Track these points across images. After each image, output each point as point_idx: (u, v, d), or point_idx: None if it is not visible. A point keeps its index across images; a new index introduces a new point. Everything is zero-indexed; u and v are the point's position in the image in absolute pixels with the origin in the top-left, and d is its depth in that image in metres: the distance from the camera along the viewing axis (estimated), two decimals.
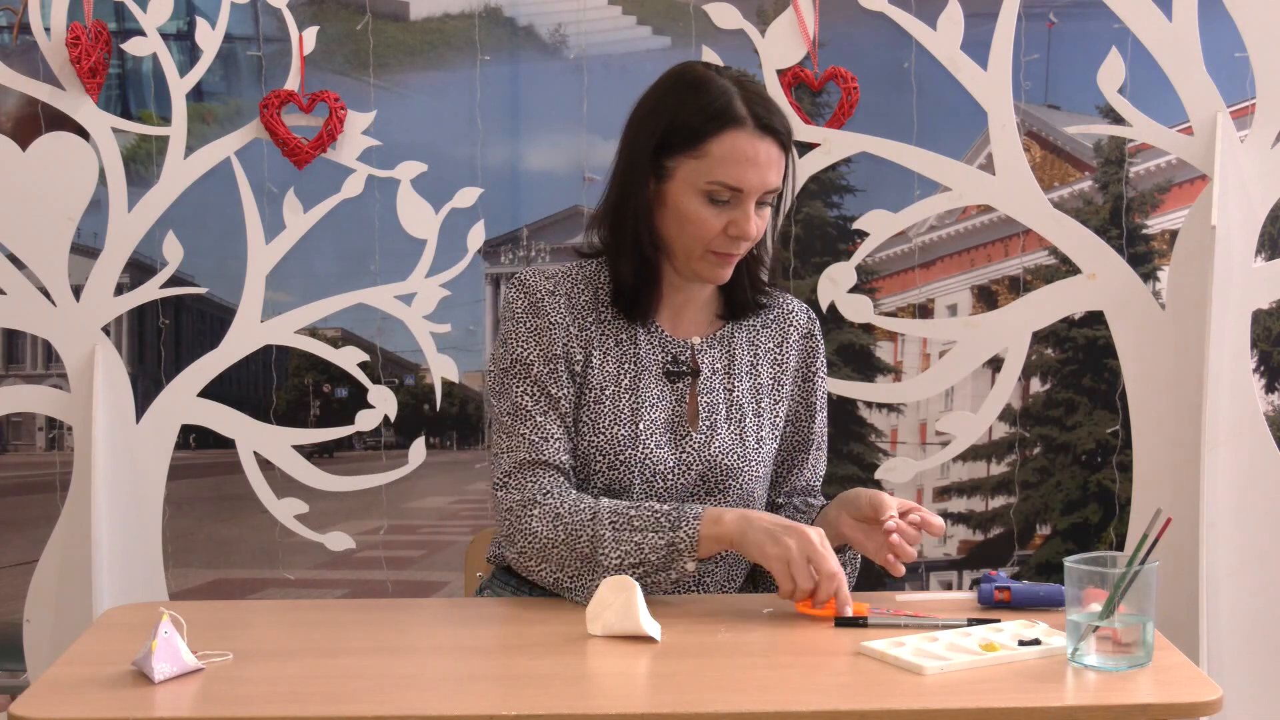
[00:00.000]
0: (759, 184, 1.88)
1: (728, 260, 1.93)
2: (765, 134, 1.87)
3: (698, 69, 1.94)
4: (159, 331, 2.91)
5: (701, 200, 1.89)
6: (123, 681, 1.54)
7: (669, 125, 1.90)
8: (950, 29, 2.73)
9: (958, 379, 2.86)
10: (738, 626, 1.73)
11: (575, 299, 1.97)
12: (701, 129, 1.87)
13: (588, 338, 1.96)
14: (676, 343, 2.00)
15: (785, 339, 2.07)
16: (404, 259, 2.87)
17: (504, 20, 2.88)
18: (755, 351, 2.05)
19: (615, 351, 1.97)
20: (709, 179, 1.87)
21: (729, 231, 1.89)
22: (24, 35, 2.78)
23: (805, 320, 2.10)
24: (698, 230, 1.90)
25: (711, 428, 1.97)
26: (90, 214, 2.81)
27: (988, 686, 1.49)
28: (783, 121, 1.90)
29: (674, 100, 1.91)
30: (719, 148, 1.87)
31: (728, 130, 1.87)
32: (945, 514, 2.97)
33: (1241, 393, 2.68)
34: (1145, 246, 2.86)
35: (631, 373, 1.96)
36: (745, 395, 2.01)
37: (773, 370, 2.05)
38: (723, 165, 1.87)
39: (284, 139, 2.79)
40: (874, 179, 2.85)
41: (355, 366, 2.87)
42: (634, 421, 1.94)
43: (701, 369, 1.99)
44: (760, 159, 1.87)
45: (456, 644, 1.70)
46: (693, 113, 1.88)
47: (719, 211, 1.89)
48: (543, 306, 1.95)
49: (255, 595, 3.01)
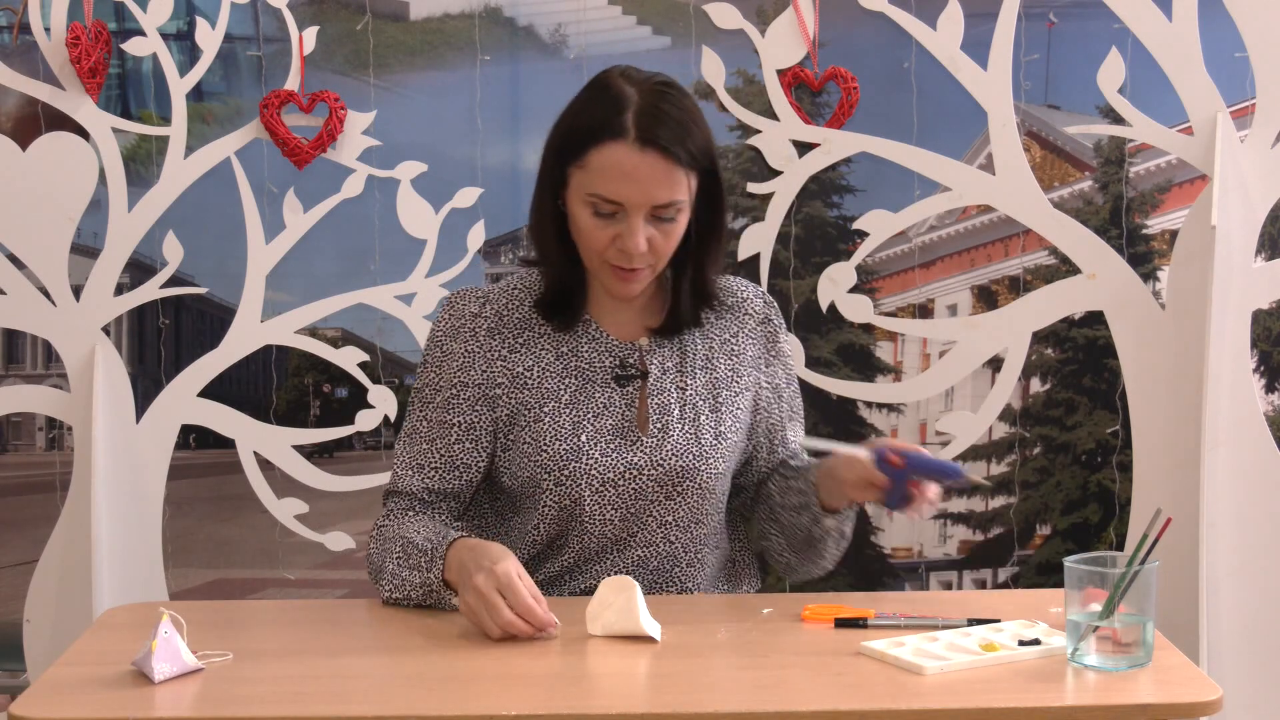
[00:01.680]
0: (640, 199, 1.82)
1: (628, 276, 1.88)
2: (649, 148, 1.81)
3: (608, 76, 1.89)
4: (159, 331, 2.91)
5: (588, 211, 1.85)
6: (123, 681, 1.54)
7: (565, 133, 1.88)
8: (950, 29, 2.73)
9: (958, 379, 2.86)
10: (738, 626, 1.73)
11: (508, 316, 1.96)
12: (585, 139, 1.83)
13: (521, 356, 1.95)
14: (623, 346, 1.96)
15: (741, 328, 2.02)
16: (404, 259, 2.87)
17: (504, 20, 2.88)
18: (710, 345, 2.00)
19: (556, 365, 1.95)
20: (588, 190, 1.84)
21: (617, 244, 1.85)
22: (24, 35, 2.78)
23: (761, 306, 2.05)
24: (587, 241, 1.87)
25: (663, 429, 1.94)
26: (90, 214, 2.81)
27: (988, 686, 1.49)
28: (677, 135, 1.82)
29: (575, 108, 1.89)
30: (598, 159, 1.82)
31: (607, 142, 1.82)
32: (945, 514, 2.97)
33: (1241, 393, 2.68)
34: (1145, 246, 2.86)
35: (575, 385, 1.94)
36: (700, 391, 1.97)
37: (730, 362, 2.00)
38: (601, 178, 1.82)
39: (284, 139, 2.79)
40: (874, 179, 2.85)
41: (355, 366, 2.87)
42: (575, 434, 1.91)
43: (651, 370, 1.96)
44: (640, 174, 1.81)
45: (456, 644, 1.70)
46: (584, 122, 1.85)
47: (605, 224, 1.85)
48: (460, 331, 1.95)
49: (255, 595, 3.00)
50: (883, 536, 2.94)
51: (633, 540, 1.94)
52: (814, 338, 2.88)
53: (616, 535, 1.94)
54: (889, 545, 2.96)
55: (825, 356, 2.89)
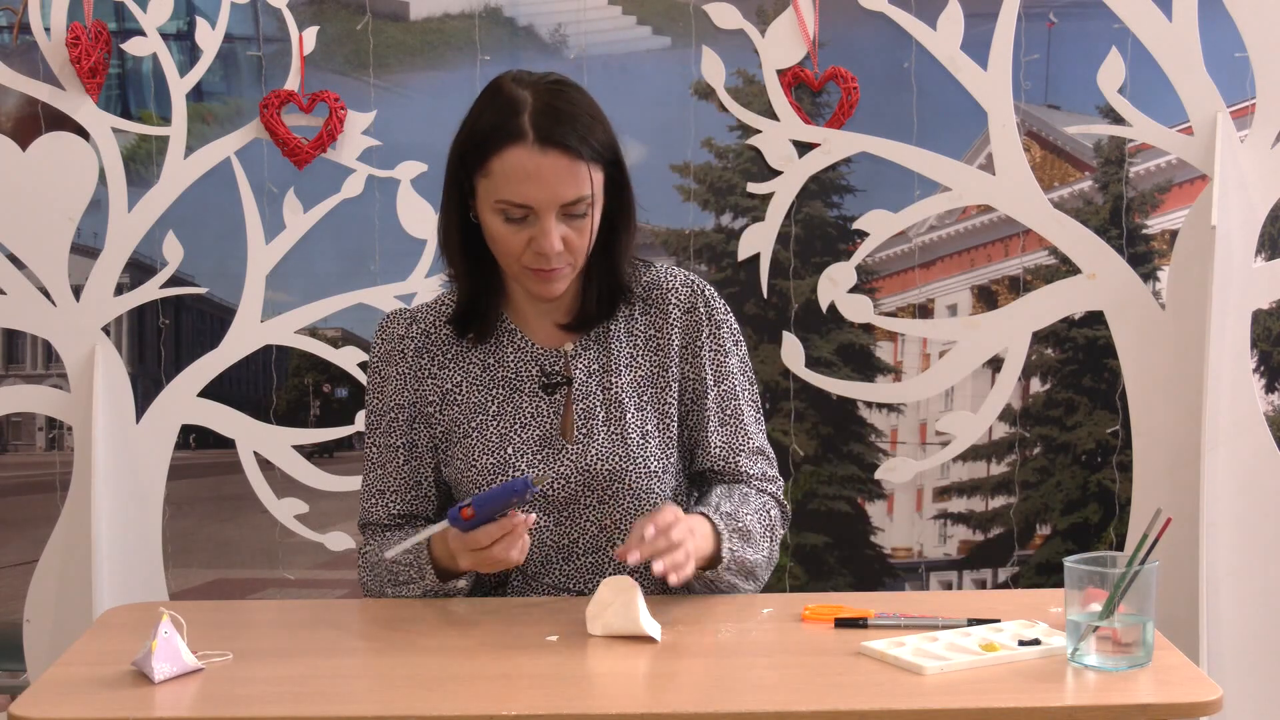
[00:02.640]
0: (547, 199, 1.80)
1: (548, 275, 1.85)
2: (549, 147, 1.78)
3: (500, 82, 1.86)
4: (159, 331, 2.91)
5: (499, 219, 1.83)
6: (123, 681, 1.54)
7: (464, 143, 1.86)
8: (950, 29, 2.73)
9: (958, 379, 2.86)
10: (738, 626, 1.73)
11: (435, 334, 1.96)
12: (484, 146, 1.81)
13: (450, 372, 1.95)
14: (548, 353, 1.94)
15: (665, 319, 1.95)
16: (404, 259, 2.87)
17: (504, 20, 2.88)
18: (634, 341, 1.96)
19: (484, 377, 1.94)
20: (496, 198, 1.81)
21: (533, 247, 1.83)
22: (24, 35, 2.78)
23: (686, 295, 1.97)
24: (504, 248, 1.85)
25: (588, 435, 1.91)
26: (90, 214, 2.81)
27: (988, 686, 1.49)
28: (576, 131, 1.80)
29: (471, 116, 1.87)
30: (500, 165, 1.80)
31: (506, 147, 1.79)
32: (945, 514, 2.97)
33: (1241, 393, 2.68)
34: (1145, 246, 2.86)
35: (502, 396, 1.93)
36: (625, 391, 1.93)
37: (654, 357, 1.95)
38: (506, 183, 1.80)
39: (284, 139, 2.79)
40: (874, 179, 2.85)
41: (355, 366, 2.87)
42: (502, 448, 1.90)
43: (575, 374, 1.94)
44: (545, 174, 1.79)
45: (456, 644, 1.70)
46: (481, 129, 1.83)
47: (518, 229, 1.82)
48: (391, 354, 1.96)
49: (255, 595, 3.00)
50: (882, 537, 2.94)
51: (575, 547, 1.93)
52: (814, 338, 2.88)
53: (558, 543, 1.93)
54: (889, 545, 2.96)
55: (825, 356, 2.89)
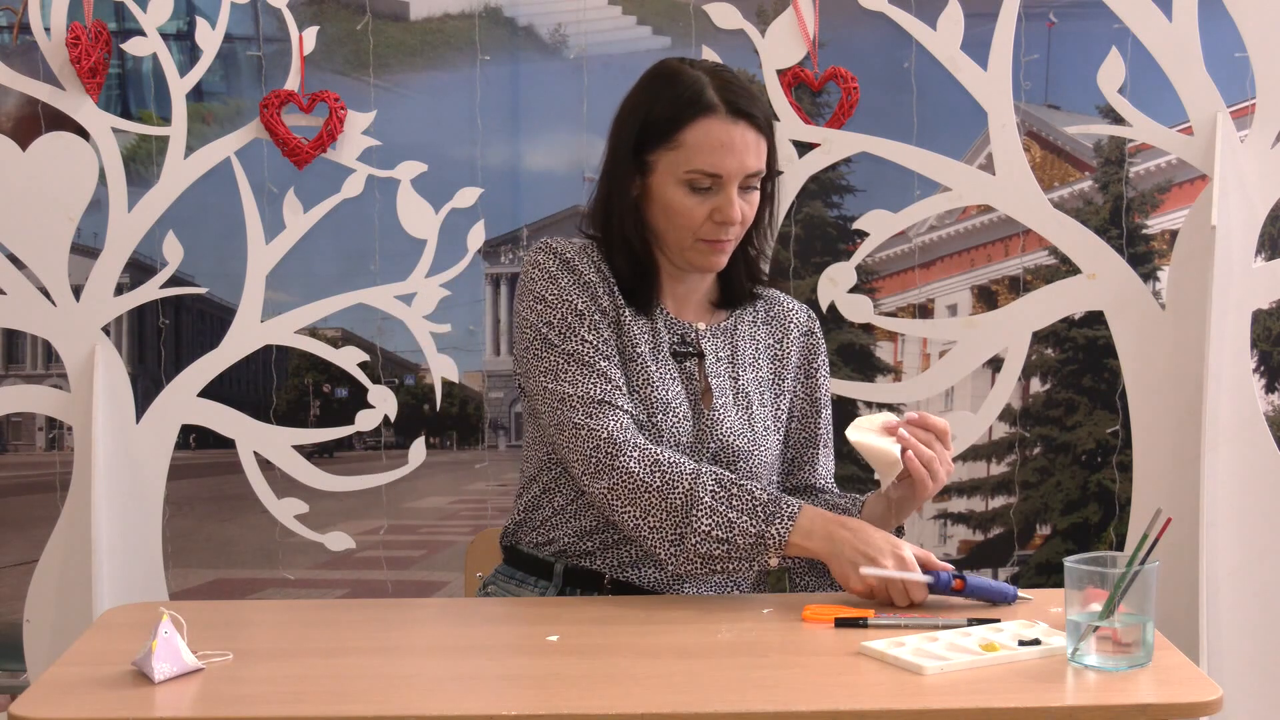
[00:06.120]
0: (737, 168, 1.90)
1: (719, 247, 1.95)
2: (739, 118, 1.90)
3: (671, 64, 1.97)
4: (159, 331, 2.91)
5: (684, 190, 1.91)
6: (123, 681, 1.54)
7: (645, 120, 1.93)
8: (950, 29, 2.73)
9: (958, 379, 2.86)
10: (738, 626, 1.73)
11: (599, 268, 1.99)
12: (675, 119, 1.91)
13: (608, 303, 1.98)
14: (682, 324, 2.02)
15: (785, 335, 2.09)
16: (404, 259, 2.87)
17: (504, 20, 2.88)
18: (756, 346, 2.06)
19: (632, 325, 1.98)
20: (686, 168, 1.90)
21: (714, 218, 1.92)
22: (24, 35, 2.78)
23: (805, 319, 2.13)
24: (684, 220, 1.93)
25: (724, 408, 1.99)
26: (90, 214, 2.81)
27: (988, 686, 1.49)
28: (758, 106, 1.92)
29: (648, 96, 1.95)
30: (693, 136, 1.89)
31: (700, 118, 1.89)
32: (945, 514, 2.97)
33: (1241, 393, 2.68)
34: (1145, 246, 2.86)
35: (646, 351, 1.97)
36: (751, 384, 2.03)
37: (773, 365, 2.07)
38: (698, 153, 1.89)
39: (284, 139, 2.79)
40: (874, 179, 2.85)
41: (355, 366, 2.87)
42: (665, 388, 1.95)
43: (706, 354, 2.01)
44: (735, 143, 1.89)
45: (456, 644, 1.70)
46: (666, 105, 1.92)
47: (702, 199, 1.91)
48: (576, 266, 1.97)
49: (255, 595, 3.01)
50: None
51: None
52: None
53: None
54: None
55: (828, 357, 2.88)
